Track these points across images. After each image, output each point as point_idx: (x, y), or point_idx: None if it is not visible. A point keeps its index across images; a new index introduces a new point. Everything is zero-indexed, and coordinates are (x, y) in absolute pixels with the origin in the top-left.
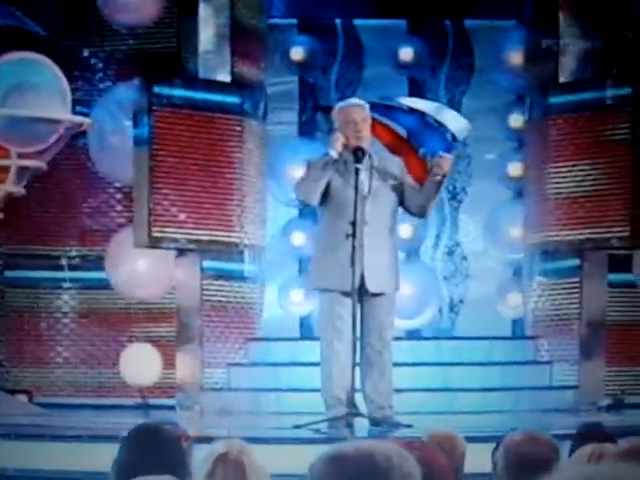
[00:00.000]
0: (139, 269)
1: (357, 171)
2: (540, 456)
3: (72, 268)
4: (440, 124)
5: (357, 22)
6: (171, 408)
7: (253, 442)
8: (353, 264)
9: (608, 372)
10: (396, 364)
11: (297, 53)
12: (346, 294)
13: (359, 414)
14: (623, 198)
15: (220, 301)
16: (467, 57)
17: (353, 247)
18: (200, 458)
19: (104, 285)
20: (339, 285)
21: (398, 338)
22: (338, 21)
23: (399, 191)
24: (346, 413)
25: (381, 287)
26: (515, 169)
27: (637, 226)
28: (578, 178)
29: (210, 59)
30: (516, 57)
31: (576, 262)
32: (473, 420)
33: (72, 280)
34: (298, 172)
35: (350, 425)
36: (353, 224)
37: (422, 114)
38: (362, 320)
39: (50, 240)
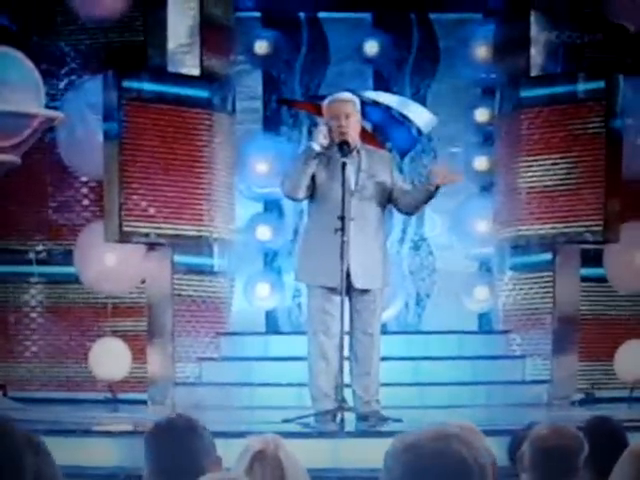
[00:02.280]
0: (107, 263)
1: (344, 165)
2: (567, 449)
3: (39, 262)
4: (405, 118)
5: (322, 15)
6: (142, 403)
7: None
8: (342, 259)
9: (579, 366)
10: None
11: (261, 47)
12: (334, 289)
13: (346, 408)
14: (596, 192)
15: (190, 295)
16: (432, 51)
17: (342, 242)
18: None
19: (71, 279)
20: (326, 281)
21: None
22: (302, 14)
23: (387, 188)
24: (334, 407)
25: (366, 283)
26: (481, 163)
27: (610, 220)
28: (550, 172)
29: (179, 53)
30: (482, 50)
31: (548, 256)
32: (445, 415)
33: (39, 274)
34: (262, 166)
35: (336, 419)
36: (342, 219)
37: (387, 108)
38: (350, 315)
39: (17, 234)
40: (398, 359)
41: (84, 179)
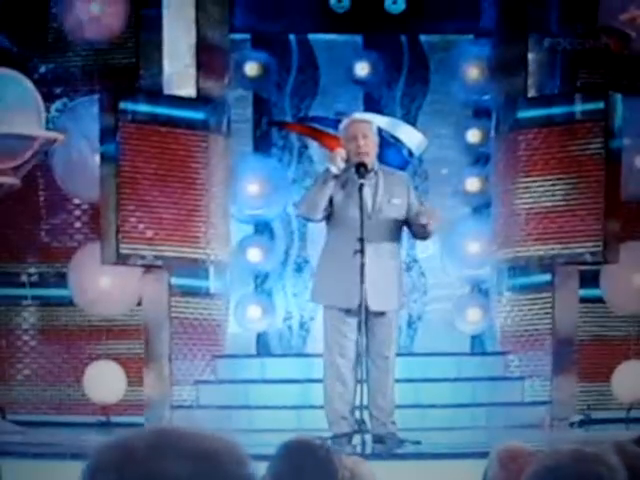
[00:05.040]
0: (103, 285)
1: (361, 187)
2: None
3: (32, 285)
4: (396, 139)
5: (312, 37)
6: (137, 426)
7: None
8: (362, 281)
9: (577, 387)
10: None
11: (252, 68)
12: (350, 311)
13: (362, 431)
14: (595, 212)
15: (187, 318)
16: (423, 72)
17: (362, 264)
18: None
19: (65, 302)
20: (344, 302)
21: None
22: (292, 36)
23: (403, 210)
24: (350, 430)
25: (382, 305)
26: (473, 184)
27: (610, 240)
28: (549, 193)
29: (175, 74)
30: (473, 71)
31: (547, 277)
32: (446, 437)
33: (32, 297)
34: (253, 188)
35: (352, 442)
36: (361, 241)
37: (378, 129)
38: (366, 337)
39: (9, 257)
40: (398, 381)
41: (77, 201)
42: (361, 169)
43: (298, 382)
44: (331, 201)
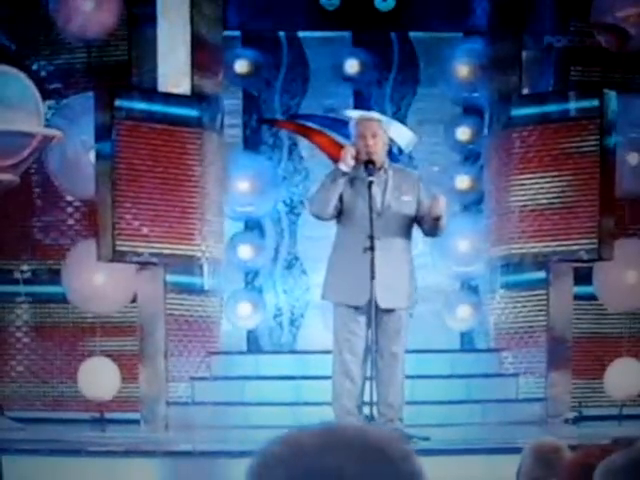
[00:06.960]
0: (97, 283)
1: (370, 185)
2: None
3: (25, 282)
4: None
5: (301, 34)
6: (131, 422)
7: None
8: (373, 278)
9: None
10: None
11: (241, 66)
12: (360, 308)
13: None
14: (590, 210)
15: (183, 315)
16: (413, 69)
17: (372, 261)
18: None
19: (58, 299)
20: (353, 299)
21: None
22: (282, 33)
23: (413, 208)
24: None
25: (391, 303)
26: (462, 182)
27: (605, 238)
28: (543, 190)
29: (170, 72)
30: (463, 69)
31: (541, 274)
32: (442, 433)
33: (26, 294)
34: (243, 185)
35: None
36: (371, 238)
37: None
38: (375, 334)
39: (2, 254)
40: None
41: (70, 198)
42: (369, 167)
43: (293, 379)
44: (341, 199)
